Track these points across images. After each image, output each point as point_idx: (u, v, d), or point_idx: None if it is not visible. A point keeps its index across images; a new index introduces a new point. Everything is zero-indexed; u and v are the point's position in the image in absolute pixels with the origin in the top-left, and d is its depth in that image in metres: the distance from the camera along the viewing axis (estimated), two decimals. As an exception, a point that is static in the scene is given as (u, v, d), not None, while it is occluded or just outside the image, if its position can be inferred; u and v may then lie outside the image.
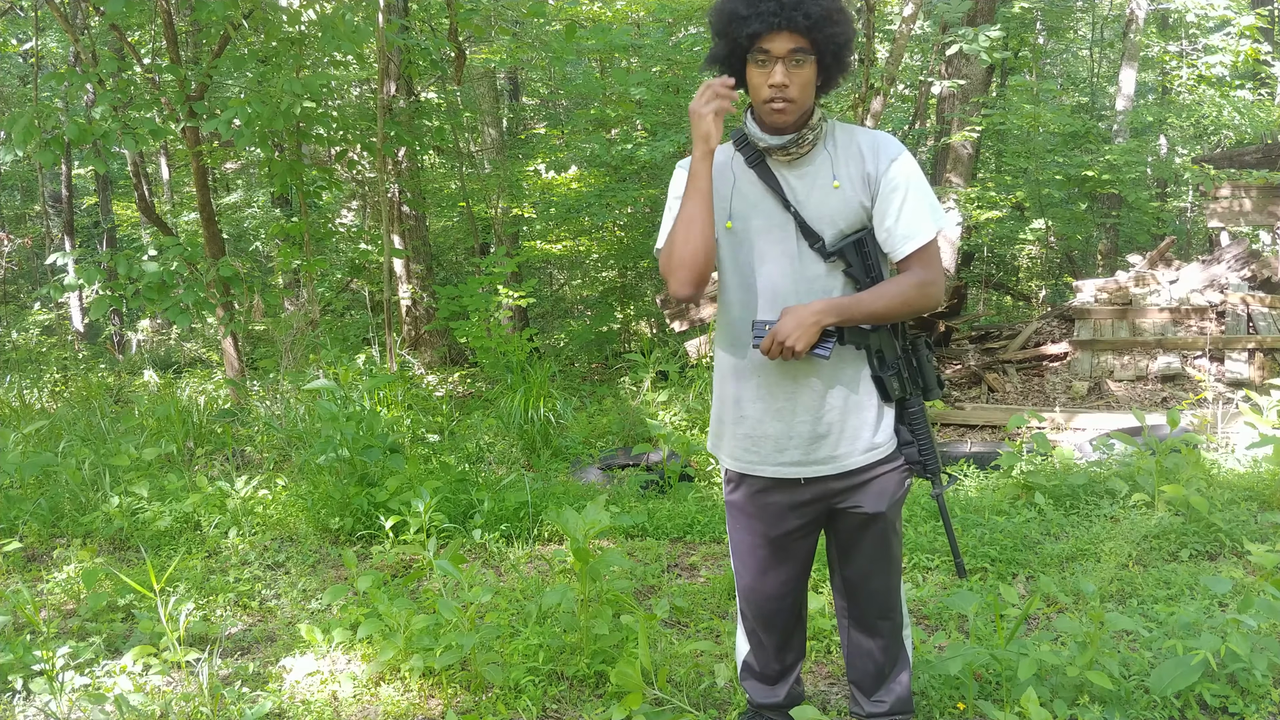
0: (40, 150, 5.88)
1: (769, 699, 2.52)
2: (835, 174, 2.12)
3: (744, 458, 2.25)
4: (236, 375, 7.11)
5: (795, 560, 2.35)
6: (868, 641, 2.41)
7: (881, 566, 2.33)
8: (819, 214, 2.12)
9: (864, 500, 2.23)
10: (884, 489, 2.23)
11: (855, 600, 2.38)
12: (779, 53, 2.00)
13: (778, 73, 2.00)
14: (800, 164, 2.14)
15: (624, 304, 11.38)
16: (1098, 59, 17.72)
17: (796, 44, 1.99)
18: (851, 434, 2.18)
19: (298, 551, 4.25)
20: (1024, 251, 15.05)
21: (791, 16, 1.95)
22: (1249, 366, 7.14)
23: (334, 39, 6.42)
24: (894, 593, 2.38)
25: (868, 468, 2.21)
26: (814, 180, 2.13)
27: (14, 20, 11.74)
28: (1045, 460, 4.74)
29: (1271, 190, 9.37)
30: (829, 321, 2.05)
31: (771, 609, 2.40)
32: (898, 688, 2.44)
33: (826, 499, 2.25)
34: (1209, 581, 2.92)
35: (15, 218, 17.44)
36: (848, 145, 2.15)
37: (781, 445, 2.20)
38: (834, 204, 2.12)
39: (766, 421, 2.20)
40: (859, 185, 2.13)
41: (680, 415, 6.14)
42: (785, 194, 2.13)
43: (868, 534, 2.28)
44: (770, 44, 1.99)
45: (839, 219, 2.12)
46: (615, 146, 9.49)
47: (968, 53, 8.84)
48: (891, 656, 2.42)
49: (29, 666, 3.02)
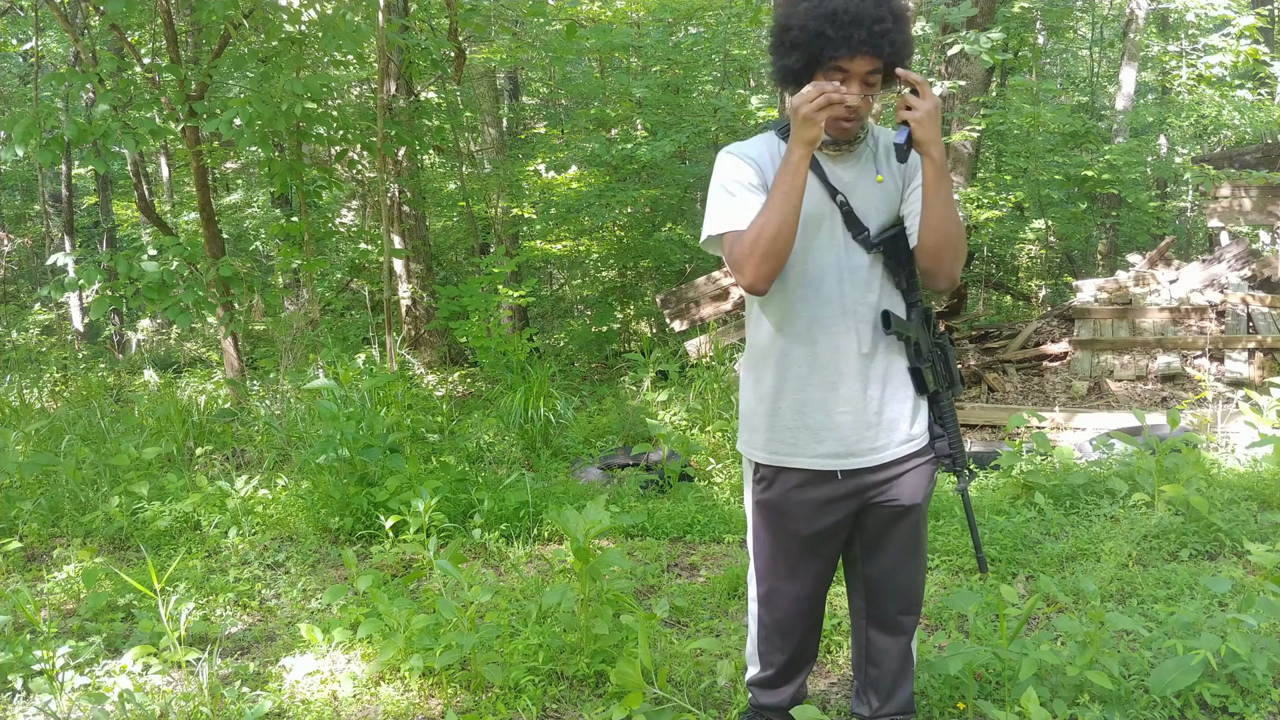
0: (40, 150, 5.87)
1: (773, 700, 2.52)
2: (878, 169, 2.21)
3: (781, 450, 2.25)
4: (236, 375, 7.11)
5: (824, 561, 2.35)
6: (888, 641, 2.40)
7: (911, 561, 2.34)
8: (865, 206, 2.19)
9: (900, 493, 2.25)
10: (918, 482, 2.26)
11: (879, 598, 2.37)
12: (857, 73, 2.04)
13: (855, 94, 2.04)
14: (846, 159, 2.20)
15: (624, 304, 11.38)
16: (1098, 59, 17.72)
17: (874, 66, 2.04)
18: (889, 425, 2.21)
19: (298, 551, 4.25)
20: (1024, 251, 15.04)
21: (879, 44, 2.00)
22: (1249, 366, 7.14)
23: (334, 39, 6.42)
24: (919, 588, 2.40)
25: (903, 459, 2.24)
26: (859, 174, 2.20)
27: (14, 20, 11.74)
28: (1045, 460, 4.74)
29: (1271, 190, 9.37)
30: (938, 149, 2.04)
31: (795, 612, 2.39)
32: (906, 689, 2.45)
33: (861, 494, 2.26)
34: (1209, 581, 2.92)
35: (15, 218, 17.43)
36: (886, 144, 2.24)
37: (821, 436, 2.20)
38: (878, 197, 2.20)
39: (807, 412, 2.21)
40: (895, 180, 2.22)
41: (680, 415, 6.14)
42: (833, 184, 2.18)
43: (901, 527, 2.29)
44: (851, 64, 2.02)
45: (883, 211, 2.20)
46: (615, 146, 9.50)
47: (968, 53, 8.84)
48: (908, 659, 2.43)
49: (29, 666, 3.02)
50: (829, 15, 1.98)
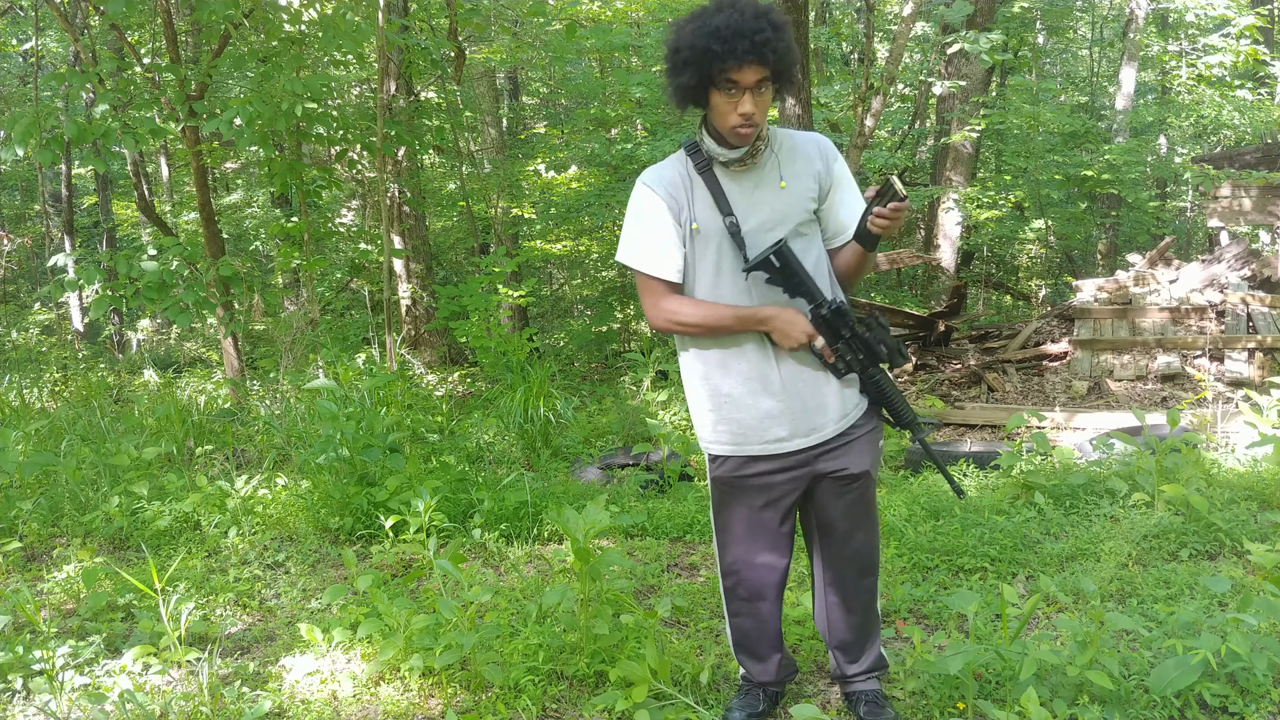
0: (40, 150, 5.87)
1: (764, 676, 2.68)
2: (781, 175, 2.35)
3: (728, 440, 2.45)
4: (236, 375, 7.11)
5: (778, 530, 2.52)
6: (850, 603, 2.59)
7: (863, 523, 2.53)
8: (763, 219, 2.33)
9: (848, 462, 2.44)
10: (863, 450, 2.45)
11: (836, 564, 2.57)
12: (747, 83, 2.18)
13: (747, 102, 2.19)
14: (750, 171, 2.35)
15: (624, 304, 11.38)
16: (1098, 59, 17.72)
17: (761, 75, 2.18)
18: (819, 408, 2.40)
19: (297, 551, 4.25)
20: (1024, 251, 15.05)
21: (762, 53, 2.14)
22: (1249, 366, 7.14)
23: (334, 39, 6.41)
24: (874, 550, 2.59)
25: (844, 433, 2.43)
26: (761, 183, 2.35)
27: (14, 20, 11.74)
28: (1045, 460, 4.74)
29: (1271, 190, 9.38)
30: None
31: (757, 581, 2.57)
32: (874, 648, 2.66)
33: (810, 464, 2.44)
34: (1209, 581, 2.91)
35: (15, 217, 17.44)
36: (792, 149, 2.38)
37: (766, 425, 2.40)
38: (782, 204, 2.34)
39: (740, 410, 2.40)
40: (805, 183, 2.36)
41: (680, 415, 6.14)
42: (728, 203, 2.33)
43: (850, 492, 2.48)
44: (740, 75, 2.17)
45: (786, 218, 2.34)
46: (615, 146, 9.50)
47: (968, 53, 8.84)
48: (871, 618, 2.63)
49: (29, 666, 3.02)
50: (713, 32, 2.13)
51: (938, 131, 11.23)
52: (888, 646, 2.97)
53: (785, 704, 2.76)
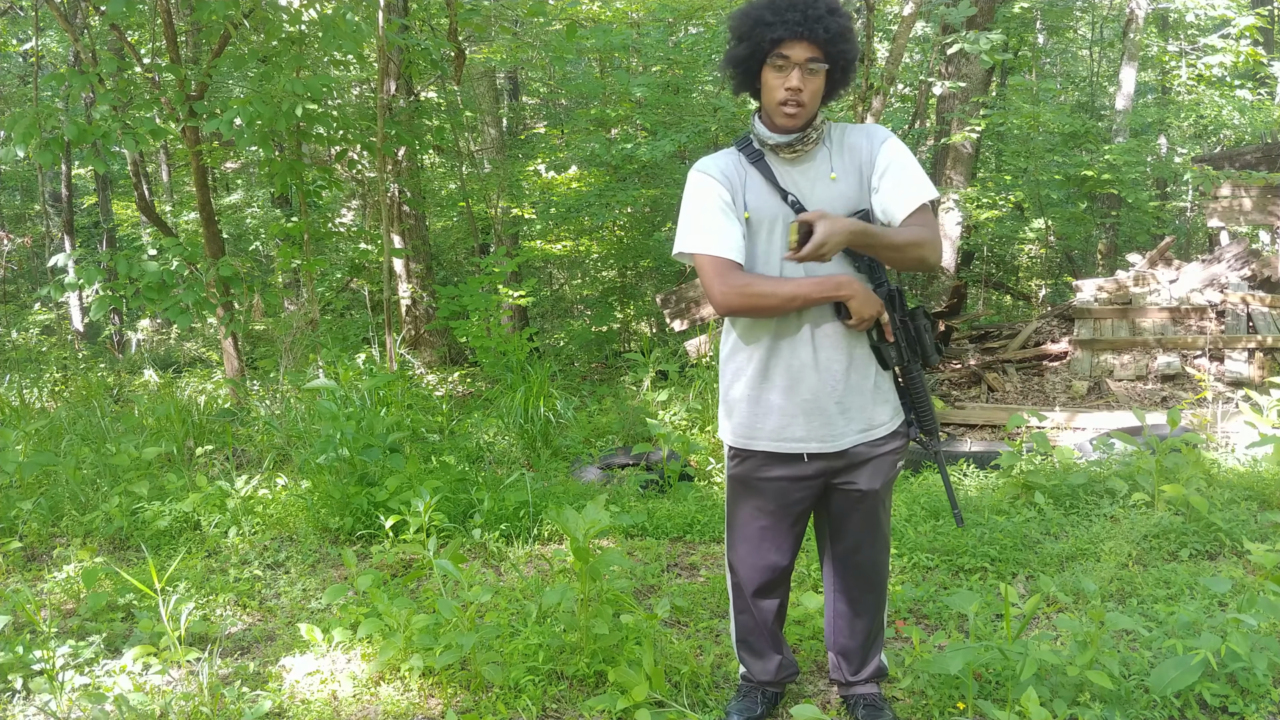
0: (40, 150, 5.87)
1: (763, 675, 2.69)
2: (832, 167, 2.33)
3: (750, 435, 2.43)
4: (236, 375, 7.11)
5: (788, 532, 2.52)
6: (855, 612, 2.59)
7: (870, 540, 2.52)
8: (820, 205, 2.29)
9: (859, 478, 2.43)
10: (879, 468, 2.43)
11: (845, 575, 2.58)
12: (797, 59, 2.19)
13: (794, 77, 2.20)
14: (801, 161, 2.33)
15: (624, 304, 11.38)
16: (1098, 59, 17.72)
17: (813, 54, 2.19)
18: (849, 415, 2.37)
19: (298, 551, 4.25)
20: (1024, 251, 15.04)
21: (813, 29, 2.16)
22: (1249, 366, 7.14)
23: (334, 39, 6.41)
24: (882, 567, 2.58)
25: (864, 446, 2.40)
26: (814, 175, 2.33)
27: (14, 20, 11.74)
28: (1045, 460, 4.74)
29: (1271, 190, 9.37)
30: (858, 240, 2.20)
31: (765, 579, 2.57)
32: (876, 658, 2.67)
33: (826, 476, 2.44)
34: (1209, 581, 2.92)
35: (15, 218, 17.43)
36: (842, 141, 2.37)
37: (786, 424, 2.37)
38: (832, 194, 2.32)
39: (773, 403, 2.38)
40: (854, 174, 2.34)
41: (680, 415, 6.14)
42: (783, 187, 2.31)
43: (860, 510, 2.47)
44: (790, 50, 2.19)
45: (839, 208, 2.30)
46: (615, 146, 9.49)
47: (968, 53, 8.84)
48: (876, 630, 2.63)
49: (29, 666, 3.02)
50: (769, 3, 2.19)
51: (938, 131, 11.22)
52: (888, 647, 2.97)
53: (785, 704, 2.76)
